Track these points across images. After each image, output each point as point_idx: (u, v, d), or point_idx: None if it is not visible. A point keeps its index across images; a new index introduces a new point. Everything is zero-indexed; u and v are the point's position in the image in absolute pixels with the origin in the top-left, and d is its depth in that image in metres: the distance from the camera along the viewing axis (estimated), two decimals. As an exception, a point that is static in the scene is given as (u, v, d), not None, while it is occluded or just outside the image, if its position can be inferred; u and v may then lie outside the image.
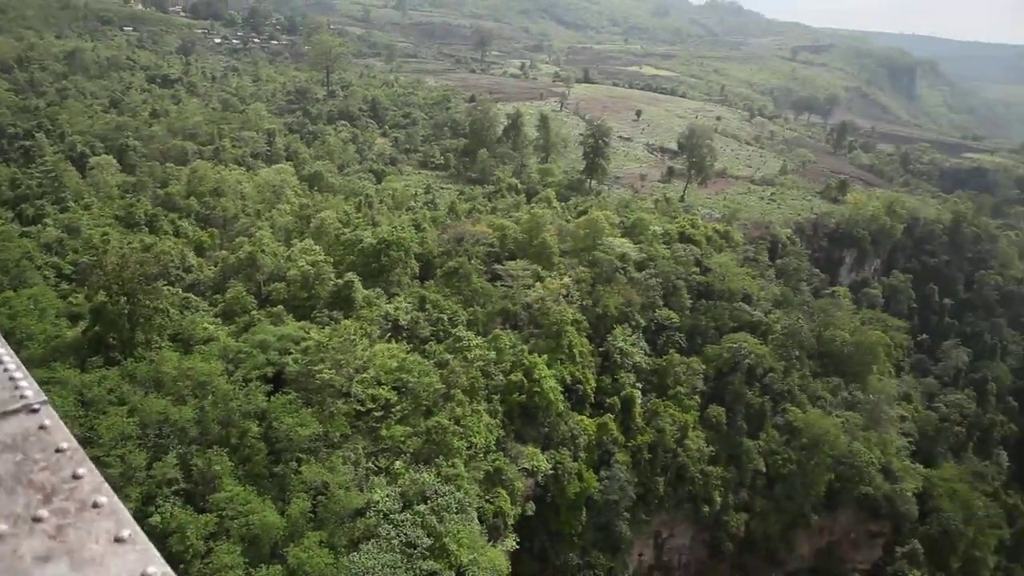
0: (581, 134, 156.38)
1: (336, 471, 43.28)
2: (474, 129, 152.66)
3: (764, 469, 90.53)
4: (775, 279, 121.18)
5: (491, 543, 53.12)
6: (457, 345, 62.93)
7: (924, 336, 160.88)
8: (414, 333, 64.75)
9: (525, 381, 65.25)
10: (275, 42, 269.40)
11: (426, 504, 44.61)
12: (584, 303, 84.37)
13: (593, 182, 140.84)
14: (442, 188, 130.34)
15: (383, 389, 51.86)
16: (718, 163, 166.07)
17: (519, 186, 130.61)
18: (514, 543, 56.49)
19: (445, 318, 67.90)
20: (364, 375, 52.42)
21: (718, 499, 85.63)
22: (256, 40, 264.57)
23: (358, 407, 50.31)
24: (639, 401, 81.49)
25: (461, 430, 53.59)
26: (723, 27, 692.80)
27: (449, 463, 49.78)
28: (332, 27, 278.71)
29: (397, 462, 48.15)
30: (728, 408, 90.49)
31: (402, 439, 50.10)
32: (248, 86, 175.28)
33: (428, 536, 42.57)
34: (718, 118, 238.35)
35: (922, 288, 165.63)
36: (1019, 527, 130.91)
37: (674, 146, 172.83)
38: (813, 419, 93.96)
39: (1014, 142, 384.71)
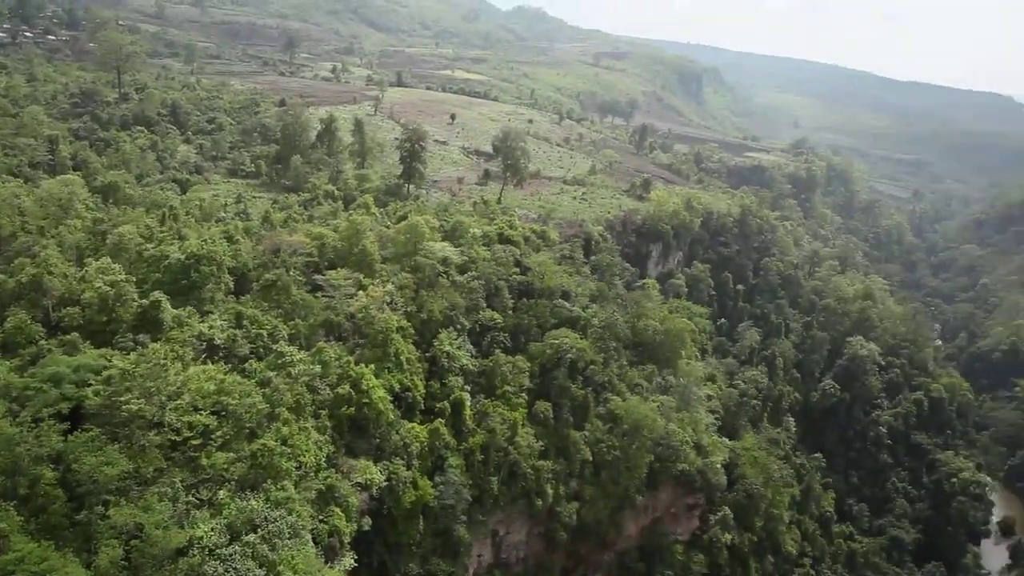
0: (397, 138, 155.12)
1: (151, 510, 39.66)
2: (286, 135, 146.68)
3: (591, 458, 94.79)
4: (590, 275, 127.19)
5: (328, 564, 51.39)
6: (280, 361, 60.14)
7: (722, 320, 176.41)
8: (232, 352, 60.96)
9: (353, 393, 63.71)
10: (52, 37, 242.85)
11: (256, 533, 42.20)
12: (408, 309, 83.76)
13: (411, 187, 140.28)
14: (254, 197, 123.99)
15: (201, 415, 48.31)
16: (532, 165, 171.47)
17: (336, 193, 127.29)
18: (352, 561, 55.06)
19: (265, 334, 64.52)
20: (178, 402, 48.52)
21: (550, 492, 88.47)
22: (28, 34, 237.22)
23: (173, 437, 46.50)
24: (468, 403, 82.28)
25: (289, 450, 51.27)
26: (531, 33, 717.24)
27: (278, 486, 47.44)
28: (121, 23, 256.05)
29: (221, 492, 45.08)
30: (554, 403, 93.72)
31: (225, 466, 46.99)
32: (21, 86, 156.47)
33: (260, 567, 40.30)
34: (530, 121, 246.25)
35: (718, 276, 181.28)
36: (806, 484, 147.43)
37: (489, 149, 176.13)
38: (632, 406, 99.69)
39: (784, 142, 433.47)
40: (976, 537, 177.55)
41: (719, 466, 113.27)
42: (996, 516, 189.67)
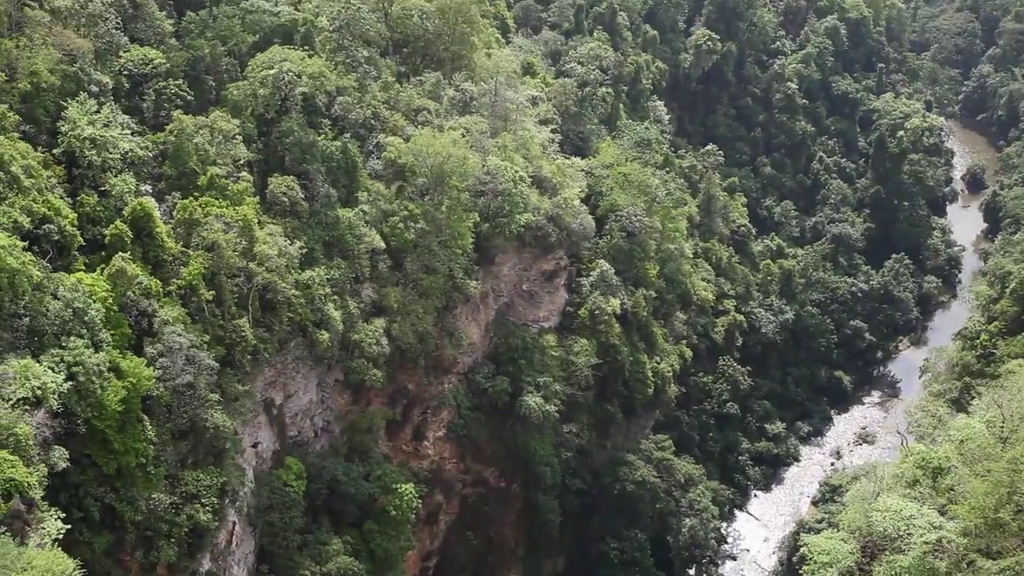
0: None
1: None
2: None
3: (382, 244, 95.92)
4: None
5: (19, 541, 48.99)
6: None
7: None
8: None
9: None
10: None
11: None
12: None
13: None
14: None
15: None
16: None
17: None
18: (59, 523, 52.98)
19: None
20: None
21: (336, 314, 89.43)
22: None
23: None
24: (158, 214, 77.69)
25: None
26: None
27: None
28: None
29: None
30: (296, 173, 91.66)
31: None
32: None
33: None
34: None
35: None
36: (703, 193, 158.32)
37: None
38: (423, 145, 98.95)
39: None
40: (939, 205, 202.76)
41: (576, 203, 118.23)
42: (959, 170, 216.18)
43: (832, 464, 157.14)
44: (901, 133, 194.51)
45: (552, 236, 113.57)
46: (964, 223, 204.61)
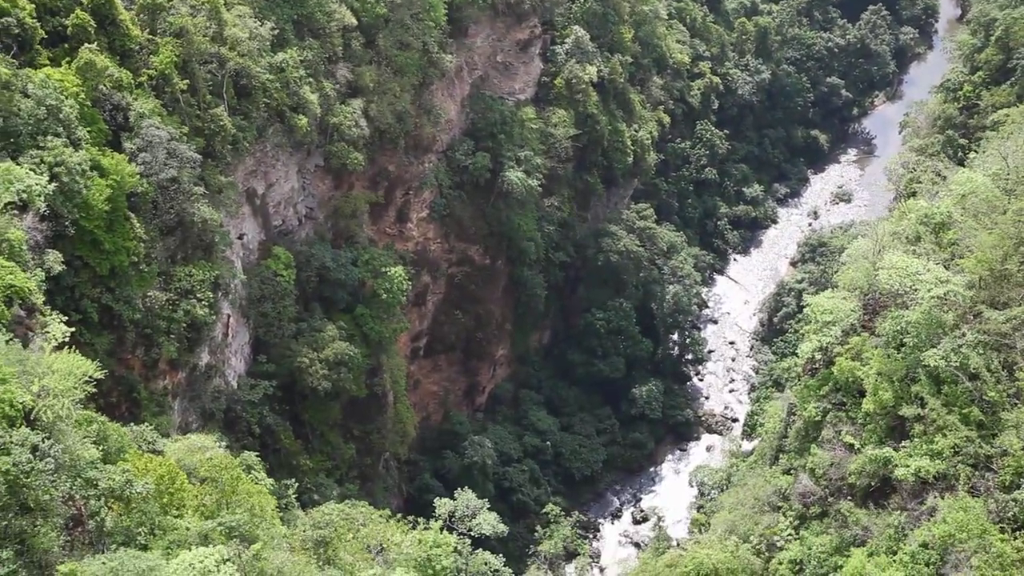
0: None
1: None
2: None
3: (355, 19, 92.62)
4: None
5: (20, 345, 48.87)
6: None
7: None
8: None
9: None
10: None
11: None
12: None
13: None
14: None
15: None
16: None
17: None
18: (63, 326, 52.80)
19: None
20: None
21: (311, 96, 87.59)
22: None
23: None
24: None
25: None
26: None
27: None
28: None
29: None
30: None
31: None
32: None
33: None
34: None
35: None
36: None
37: None
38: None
39: None
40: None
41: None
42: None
43: (810, 224, 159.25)
44: None
45: (525, 2, 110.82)
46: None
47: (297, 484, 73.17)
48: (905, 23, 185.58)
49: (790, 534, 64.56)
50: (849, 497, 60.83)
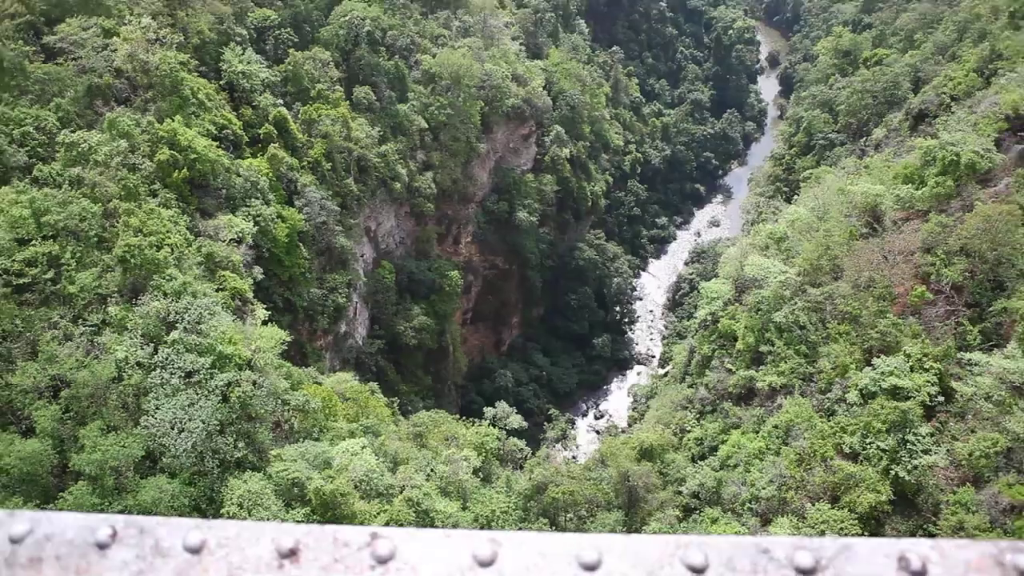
0: None
1: (56, 358, 35.44)
2: None
3: (426, 125, 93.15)
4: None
5: (243, 322, 50.06)
6: (74, 153, 50.81)
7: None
8: (8, 166, 50.57)
9: (175, 154, 56.27)
10: None
11: (176, 328, 39.39)
12: (175, 39, 71.28)
13: None
14: None
15: (34, 246, 41.34)
16: None
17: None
18: (263, 310, 54.16)
19: (32, 129, 53.43)
20: (-5, 241, 40.89)
21: (402, 171, 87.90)
22: None
23: (18, 281, 40.04)
24: (290, 117, 75.73)
25: (150, 239, 46.04)
26: None
27: (165, 276, 43.40)
28: None
29: (110, 309, 40.70)
30: (370, 84, 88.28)
31: (95, 283, 41.82)
32: None
33: (200, 355, 38.38)
34: None
35: None
36: (612, 78, 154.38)
37: None
38: (444, 59, 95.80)
39: None
40: (753, 77, 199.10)
41: (540, 89, 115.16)
42: (763, 53, 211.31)
43: (696, 240, 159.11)
44: (730, 31, 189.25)
45: (526, 112, 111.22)
46: (768, 88, 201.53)
47: (398, 401, 74.40)
48: (748, 119, 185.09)
49: (693, 422, 65.73)
50: (729, 400, 62.08)
